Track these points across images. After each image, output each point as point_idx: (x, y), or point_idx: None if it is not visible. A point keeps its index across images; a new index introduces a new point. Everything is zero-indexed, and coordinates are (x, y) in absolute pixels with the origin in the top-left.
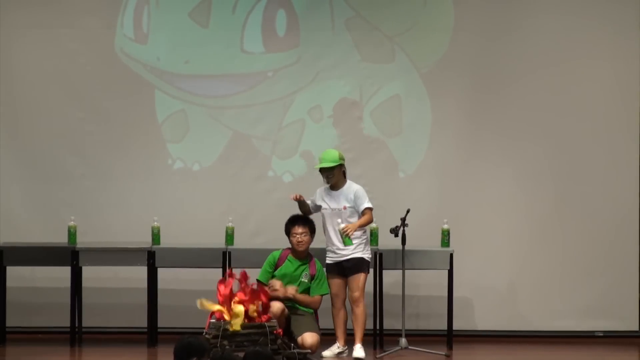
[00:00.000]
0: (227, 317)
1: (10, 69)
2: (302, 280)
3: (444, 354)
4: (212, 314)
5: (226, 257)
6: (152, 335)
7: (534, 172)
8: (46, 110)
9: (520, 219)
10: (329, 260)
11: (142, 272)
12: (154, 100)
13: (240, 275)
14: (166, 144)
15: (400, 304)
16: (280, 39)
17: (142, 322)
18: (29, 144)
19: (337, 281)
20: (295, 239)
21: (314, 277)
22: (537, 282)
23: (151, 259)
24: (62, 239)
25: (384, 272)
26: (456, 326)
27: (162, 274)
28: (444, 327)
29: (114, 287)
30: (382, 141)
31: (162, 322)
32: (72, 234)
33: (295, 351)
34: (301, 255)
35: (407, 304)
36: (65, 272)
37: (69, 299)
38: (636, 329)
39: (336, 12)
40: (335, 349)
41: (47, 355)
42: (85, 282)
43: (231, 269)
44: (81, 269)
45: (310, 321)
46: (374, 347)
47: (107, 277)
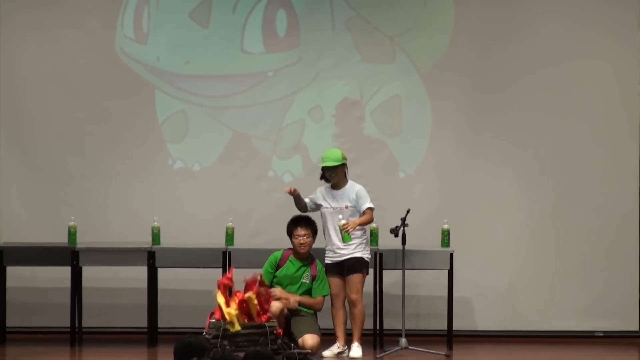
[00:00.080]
0: (227, 317)
1: (10, 69)
2: (303, 281)
3: (444, 354)
4: (212, 314)
5: (226, 257)
6: (152, 335)
7: (534, 172)
8: (46, 110)
9: (520, 219)
10: (328, 260)
11: (142, 272)
12: (154, 100)
13: (251, 279)
14: (166, 144)
15: (400, 304)
16: (280, 39)
17: (142, 322)
18: (29, 144)
19: (336, 281)
20: (297, 241)
21: (315, 278)
22: (537, 282)
23: (151, 259)
24: (62, 239)
25: (384, 272)
26: (456, 326)
27: (162, 274)
28: (444, 327)
29: (114, 287)
30: (382, 141)
31: (162, 322)
32: (72, 234)
33: (295, 351)
34: (303, 256)
35: (407, 304)
36: (65, 272)
37: (69, 299)
38: (636, 329)
39: (336, 12)
40: (335, 349)
41: (47, 355)
42: (85, 282)
43: (232, 269)
44: (81, 269)
45: (310, 322)
46: (374, 347)
47: (107, 277)
